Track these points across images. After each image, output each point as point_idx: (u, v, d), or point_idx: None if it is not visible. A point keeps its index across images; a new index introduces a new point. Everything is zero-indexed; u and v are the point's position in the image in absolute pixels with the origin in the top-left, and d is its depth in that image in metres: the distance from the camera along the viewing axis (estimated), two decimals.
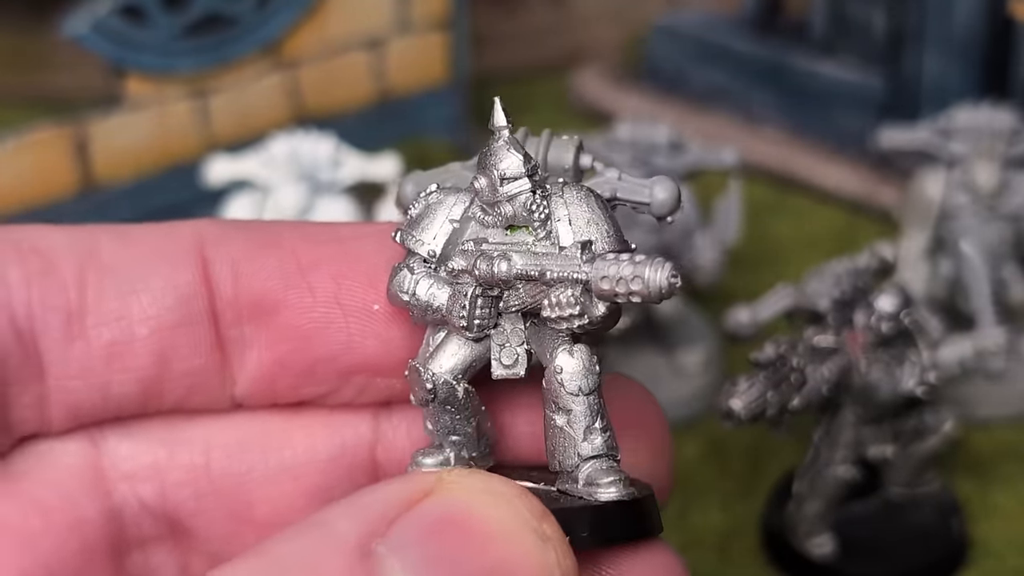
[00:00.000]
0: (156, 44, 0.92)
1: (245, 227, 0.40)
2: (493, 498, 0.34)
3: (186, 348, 0.38)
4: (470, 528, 0.33)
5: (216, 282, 0.38)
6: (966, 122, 0.79)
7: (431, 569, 0.32)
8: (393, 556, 0.32)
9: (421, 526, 0.33)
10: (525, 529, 0.34)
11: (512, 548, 0.33)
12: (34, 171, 0.90)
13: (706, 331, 0.83)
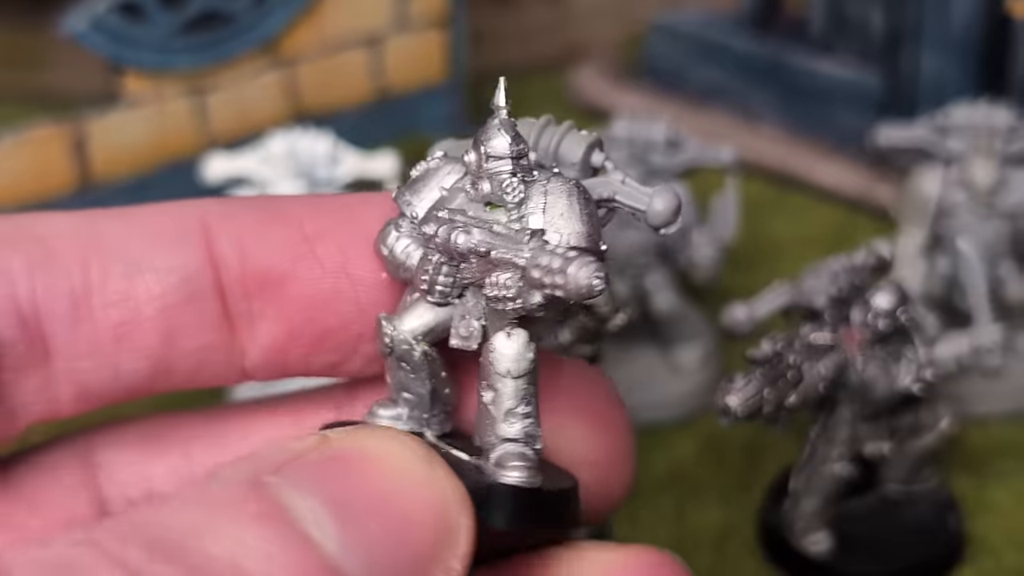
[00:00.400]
0: (154, 42, 0.92)
1: (250, 202, 0.41)
2: (381, 438, 0.35)
3: (193, 325, 0.39)
4: (360, 461, 0.34)
5: (222, 258, 0.39)
6: (963, 119, 0.80)
7: (323, 490, 0.33)
8: (285, 484, 0.33)
9: (312, 463, 0.34)
10: (415, 460, 0.35)
11: (402, 476, 0.34)
12: (32, 169, 0.90)
13: (703, 328, 0.83)
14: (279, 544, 0.32)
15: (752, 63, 1.09)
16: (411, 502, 0.34)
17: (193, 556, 0.31)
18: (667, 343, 0.82)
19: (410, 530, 0.34)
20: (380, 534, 0.33)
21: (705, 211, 0.83)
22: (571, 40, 1.27)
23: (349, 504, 0.33)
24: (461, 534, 0.35)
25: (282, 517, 0.32)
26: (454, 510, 0.35)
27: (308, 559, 0.32)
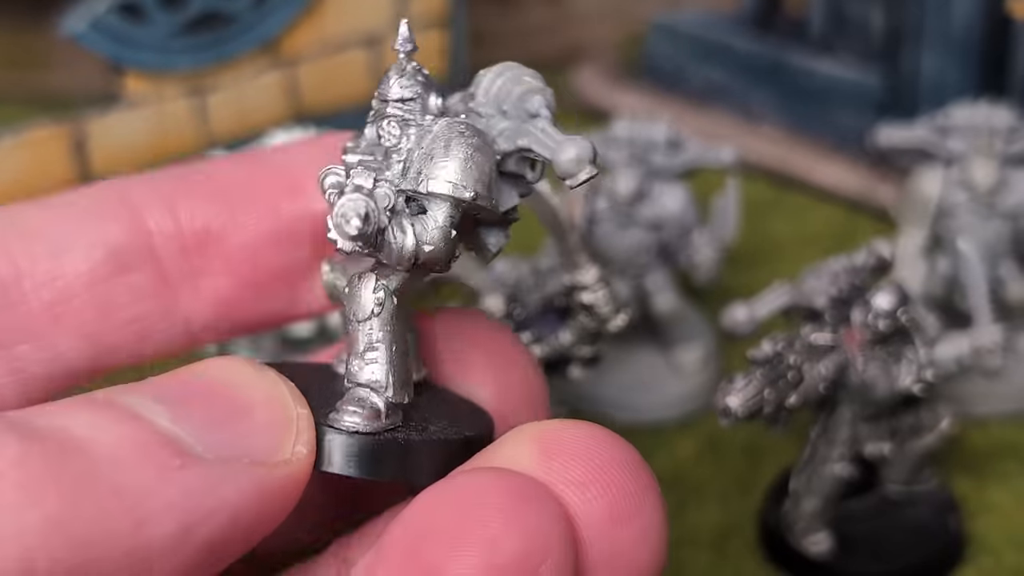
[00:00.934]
0: (154, 42, 0.92)
1: (173, 171, 0.42)
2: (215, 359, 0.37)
3: (127, 296, 0.40)
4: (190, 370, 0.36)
5: (154, 224, 0.40)
6: (964, 120, 0.80)
7: (154, 389, 0.35)
8: (118, 391, 0.35)
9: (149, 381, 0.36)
10: (243, 365, 0.37)
11: (230, 375, 0.36)
12: (32, 169, 0.90)
13: (704, 329, 0.83)
14: (107, 418, 0.33)
15: (752, 63, 1.09)
16: (239, 392, 0.36)
17: (23, 424, 0.32)
18: (667, 343, 0.82)
19: (240, 414, 0.35)
20: (210, 412, 0.35)
21: (706, 212, 0.83)
22: (571, 40, 1.27)
23: (176, 393, 0.35)
24: (300, 422, 0.36)
25: (110, 404, 0.34)
26: (286, 400, 0.36)
27: (139, 427, 0.33)
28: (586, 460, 0.35)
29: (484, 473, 0.35)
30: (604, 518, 0.34)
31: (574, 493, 0.34)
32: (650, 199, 0.79)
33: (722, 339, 0.77)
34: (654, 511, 0.35)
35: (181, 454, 0.33)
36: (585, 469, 0.35)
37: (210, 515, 0.33)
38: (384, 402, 0.37)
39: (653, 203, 0.79)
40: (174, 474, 0.33)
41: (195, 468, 0.33)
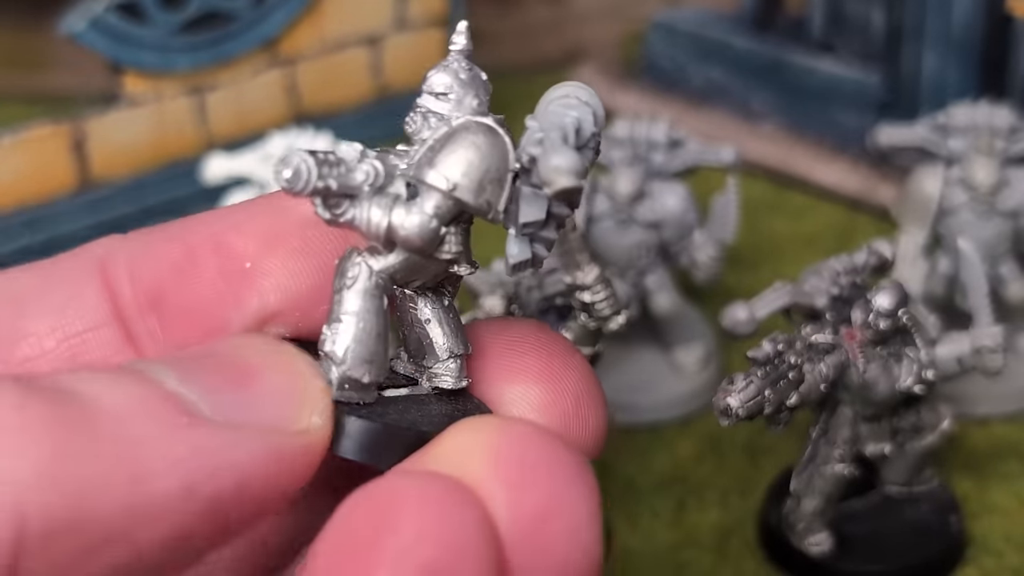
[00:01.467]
0: (154, 41, 0.92)
1: (148, 231, 0.43)
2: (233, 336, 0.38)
3: (96, 351, 0.40)
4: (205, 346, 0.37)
5: (116, 284, 0.40)
6: (964, 119, 0.79)
7: (168, 360, 0.35)
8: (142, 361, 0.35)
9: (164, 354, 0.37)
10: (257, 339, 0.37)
11: (243, 348, 0.36)
12: (31, 168, 0.90)
13: (704, 328, 0.83)
14: (114, 377, 0.33)
15: (752, 62, 1.09)
16: (252, 360, 0.36)
17: (23, 378, 0.32)
18: (668, 343, 0.81)
19: (251, 380, 0.35)
20: (220, 376, 0.35)
21: (706, 211, 0.83)
22: (571, 40, 1.27)
23: (192, 363, 0.35)
24: (315, 392, 0.36)
25: (120, 368, 0.34)
26: (301, 369, 0.36)
27: (145, 385, 0.33)
28: (517, 459, 0.35)
29: (403, 477, 0.35)
30: (529, 517, 0.34)
31: (501, 493, 0.34)
32: (650, 199, 0.79)
33: (722, 339, 0.77)
34: (581, 506, 0.35)
35: (188, 413, 0.33)
36: (514, 468, 0.35)
37: (215, 475, 0.33)
38: (339, 374, 0.38)
39: (653, 203, 0.79)
40: (180, 431, 0.33)
41: (202, 428, 0.33)
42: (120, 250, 0.41)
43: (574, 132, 0.37)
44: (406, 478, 0.34)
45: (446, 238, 0.38)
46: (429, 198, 0.37)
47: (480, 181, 0.37)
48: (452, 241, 0.39)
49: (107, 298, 0.40)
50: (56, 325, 0.40)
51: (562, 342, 0.43)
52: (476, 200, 0.37)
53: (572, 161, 0.36)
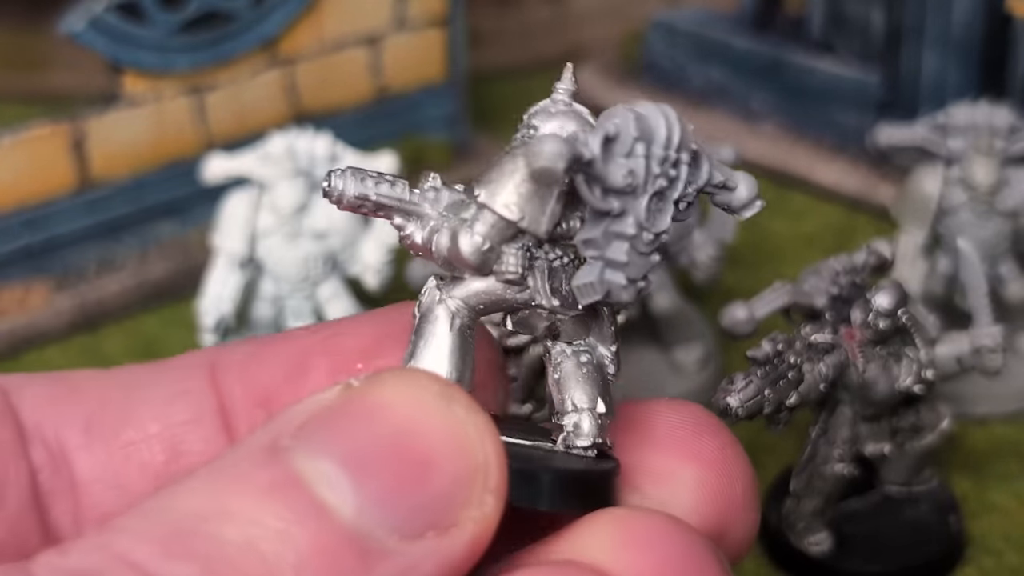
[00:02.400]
0: (153, 41, 0.92)
1: (256, 340, 0.46)
2: (398, 379, 0.35)
3: (196, 441, 0.42)
4: (376, 407, 0.34)
5: (224, 382, 0.43)
6: (964, 119, 0.79)
7: (338, 448, 0.33)
8: (300, 447, 0.33)
9: (329, 418, 0.34)
10: (431, 397, 0.34)
11: (417, 416, 0.34)
12: (31, 168, 0.90)
13: (704, 328, 0.83)
14: (293, 518, 0.32)
15: (752, 62, 1.09)
16: (428, 440, 0.33)
17: (208, 545, 0.31)
18: (667, 343, 0.81)
19: (430, 470, 0.33)
20: (398, 482, 0.33)
21: (705, 211, 0.83)
22: (570, 39, 1.27)
23: (364, 457, 0.33)
24: (490, 465, 0.34)
25: (295, 486, 0.32)
26: (477, 442, 0.34)
27: (324, 529, 0.32)
28: (658, 552, 0.35)
29: (549, 569, 0.34)
30: None
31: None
32: None
33: (722, 339, 0.77)
34: None
35: (365, 556, 0.32)
36: (656, 562, 0.35)
37: None
38: None
39: None
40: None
41: (379, 567, 0.32)
42: (232, 353, 0.44)
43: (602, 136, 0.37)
44: (553, 569, 0.34)
45: (503, 258, 0.38)
46: (480, 217, 0.38)
47: (533, 203, 0.37)
48: (510, 261, 0.38)
49: (213, 394, 0.43)
50: (161, 414, 0.42)
51: (730, 433, 0.43)
52: (532, 224, 0.38)
53: (555, 146, 0.36)
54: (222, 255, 0.78)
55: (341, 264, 0.80)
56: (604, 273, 0.38)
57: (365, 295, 0.83)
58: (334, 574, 0.31)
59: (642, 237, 0.38)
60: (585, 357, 0.40)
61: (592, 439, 0.39)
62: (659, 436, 0.41)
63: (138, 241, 0.94)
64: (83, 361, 0.85)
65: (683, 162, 0.38)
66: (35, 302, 0.88)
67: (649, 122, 0.38)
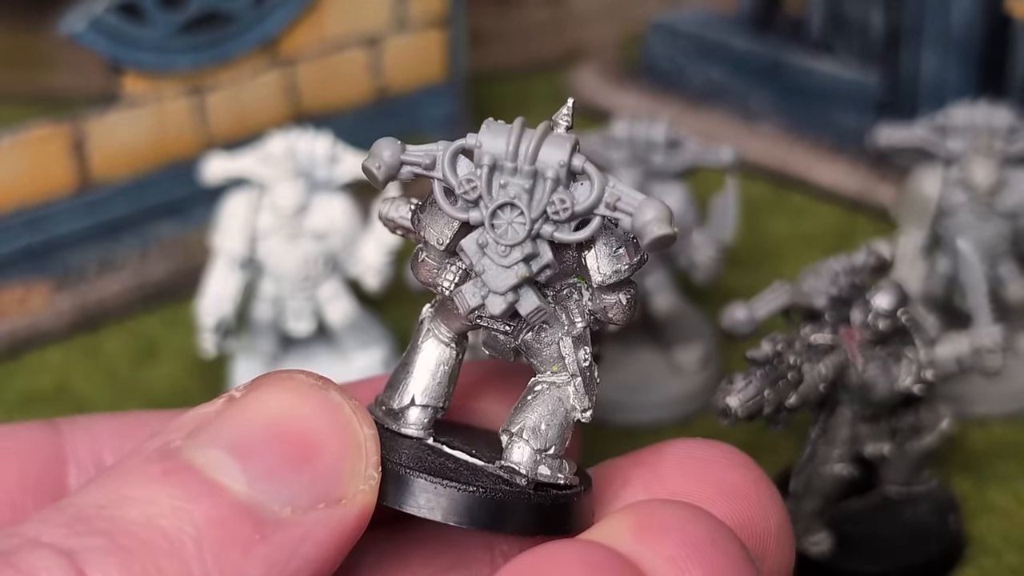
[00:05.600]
0: (153, 42, 0.92)
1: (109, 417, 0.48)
2: (275, 379, 0.38)
3: None
4: (257, 402, 0.37)
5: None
6: (963, 119, 0.79)
7: (224, 439, 0.36)
8: (190, 443, 0.36)
9: (215, 419, 0.37)
10: (308, 387, 0.38)
11: (297, 404, 0.37)
12: (31, 169, 0.90)
13: (703, 329, 0.83)
14: (188, 496, 0.34)
15: (751, 63, 1.09)
16: (308, 424, 0.37)
17: (110, 524, 0.34)
18: (667, 343, 0.81)
19: (314, 449, 0.36)
20: (284, 461, 0.36)
21: (705, 211, 0.83)
22: (571, 40, 1.27)
23: (249, 443, 0.36)
24: (369, 444, 0.37)
25: (187, 471, 0.35)
26: (356, 424, 0.37)
27: (218, 503, 0.35)
28: (679, 536, 0.36)
29: (571, 545, 0.36)
30: None
31: (665, 568, 0.35)
32: None
33: (721, 339, 0.77)
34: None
35: (261, 525, 0.35)
36: (677, 545, 0.36)
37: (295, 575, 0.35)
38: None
39: None
40: (257, 547, 0.34)
41: (276, 535, 0.35)
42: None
43: None
44: (575, 546, 0.36)
45: (440, 273, 0.41)
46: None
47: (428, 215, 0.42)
48: (447, 278, 0.41)
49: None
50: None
51: (761, 469, 0.45)
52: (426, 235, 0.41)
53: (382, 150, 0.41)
54: (222, 255, 0.78)
55: (341, 265, 0.80)
56: (472, 282, 0.40)
57: (366, 296, 0.83)
58: (232, 541, 0.34)
59: (494, 248, 0.39)
60: (545, 387, 0.41)
61: (522, 468, 0.40)
62: (692, 468, 0.42)
63: (138, 241, 0.94)
64: (83, 361, 0.85)
65: (546, 177, 0.38)
66: (35, 302, 0.88)
67: (496, 134, 0.39)
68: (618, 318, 0.41)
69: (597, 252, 0.40)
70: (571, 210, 0.38)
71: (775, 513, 0.42)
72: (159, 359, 0.86)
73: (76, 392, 0.82)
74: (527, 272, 0.39)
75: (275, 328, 0.80)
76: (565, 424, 0.41)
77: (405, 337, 0.46)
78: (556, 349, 0.41)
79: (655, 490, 0.41)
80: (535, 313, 0.40)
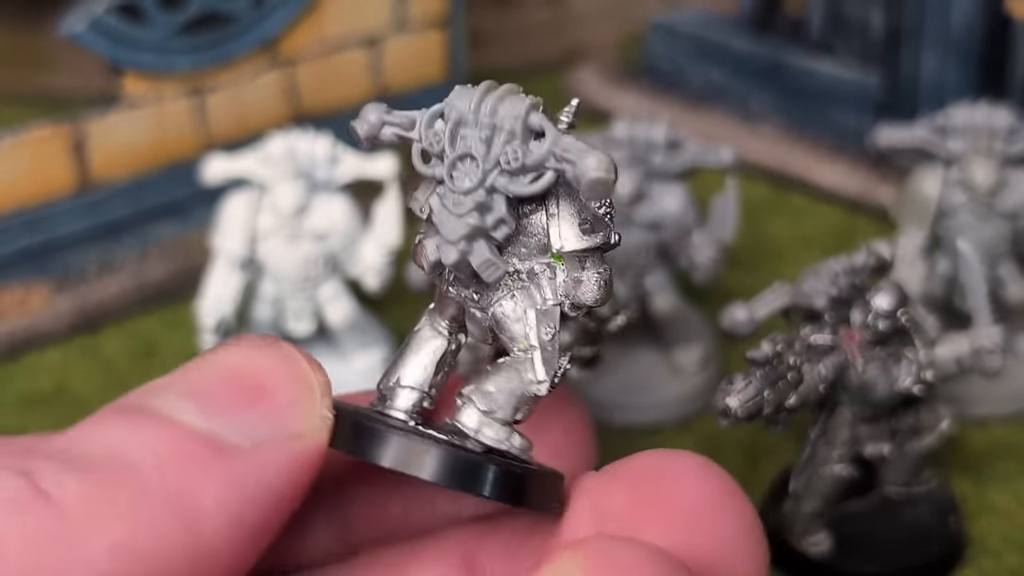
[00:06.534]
0: (153, 42, 0.92)
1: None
2: (229, 342, 0.40)
3: None
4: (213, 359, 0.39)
5: None
6: (963, 120, 0.79)
7: (181, 389, 0.38)
8: (148, 395, 0.38)
9: (163, 378, 0.39)
10: (260, 344, 0.40)
11: (249, 356, 0.39)
12: (31, 169, 0.90)
13: (703, 329, 0.83)
14: (147, 431, 0.36)
15: (751, 63, 1.09)
16: (261, 370, 0.39)
17: (73, 458, 0.35)
18: (667, 344, 0.81)
19: (268, 391, 0.38)
20: (239, 401, 0.37)
21: (705, 212, 0.83)
22: (571, 40, 1.27)
23: (204, 388, 0.38)
24: (320, 387, 0.39)
25: (145, 414, 0.37)
26: (308, 371, 0.39)
27: (177, 435, 0.36)
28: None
29: None
30: None
31: None
32: (649, 199, 0.79)
33: (721, 339, 0.77)
34: None
35: (220, 451, 0.36)
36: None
37: (256, 500, 0.36)
38: None
39: (652, 203, 0.79)
40: (216, 469, 0.35)
41: (235, 459, 0.36)
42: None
43: None
44: None
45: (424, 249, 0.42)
46: None
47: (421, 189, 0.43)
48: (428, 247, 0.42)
49: None
50: None
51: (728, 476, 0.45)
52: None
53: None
54: (222, 256, 0.78)
55: (341, 265, 0.80)
56: (434, 238, 0.42)
57: (366, 296, 0.83)
58: (192, 464, 0.35)
59: (450, 199, 0.40)
60: (508, 360, 0.42)
61: (467, 429, 0.41)
62: (646, 486, 0.42)
63: (138, 242, 0.94)
64: (83, 362, 0.85)
65: (502, 129, 0.40)
66: (35, 303, 0.88)
67: (463, 94, 0.41)
68: (588, 298, 0.42)
69: (560, 220, 0.41)
70: (521, 160, 0.40)
71: (733, 525, 0.42)
72: (159, 360, 0.86)
73: (76, 393, 0.82)
74: (479, 222, 0.40)
75: (275, 329, 0.80)
76: (519, 394, 0.41)
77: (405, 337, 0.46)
78: (523, 326, 0.41)
79: (605, 508, 0.40)
80: (486, 266, 0.40)
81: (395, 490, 0.45)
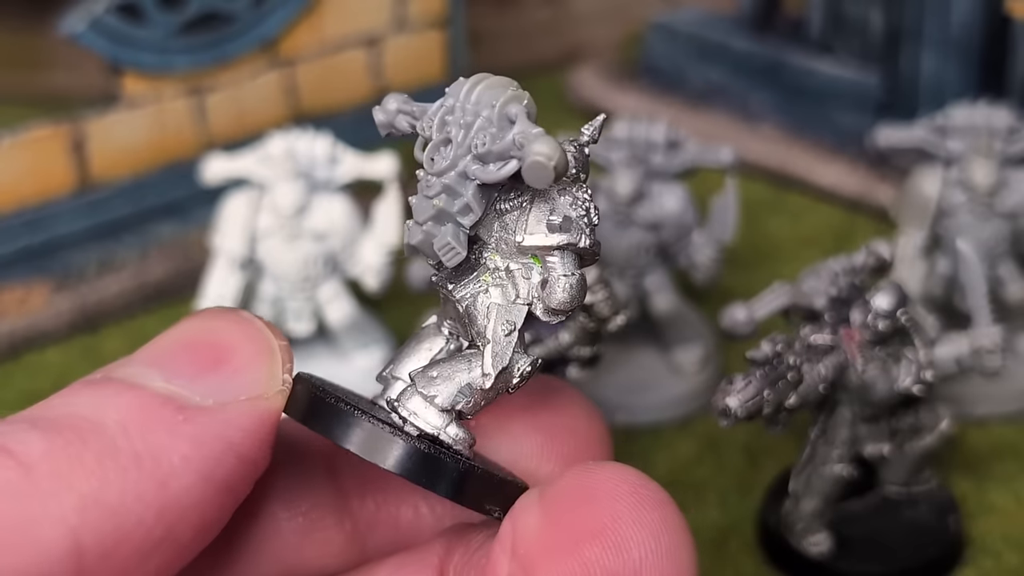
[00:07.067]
0: (153, 42, 0.92)
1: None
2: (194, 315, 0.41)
3: None
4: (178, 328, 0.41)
5: None
6: (963, 120, 0.79)
7: (145, 358, 0.39)
8: (111, 369, 0.39)
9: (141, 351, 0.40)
10: (221, 312, 0.41)
11: (213, 323, 0.40)
12: (31, 169, 0.90)
13: (703, 329, 0.83)
14: (109, 393, 0.37)
15: (751, 63, 1.09)
16: (222, 335, 0.40)
17: (35, 418, 0.36)
18: (667, 344, 0.81)
19: (229, 353, 0.39)
20: (200, 363, 0.39)
21: (705, 212, 0.83)
22: (570, 40, 1.27)
23: (164, 354, 0.39)
24: (281, 352, 0.40)
25: (108, 381, 0.38)
26: (268, 335, 0.41)
27: (139, 395, 0.37)
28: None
29: None
30: None
31: None
32: (649, 199, 0.79)
33: (721, 339, 0.77)
34: None
35: (183, 408, 0.37)
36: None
37: (222, 458, 0.37)
38: None
39: (652, 203, 0.79)
40: (182, 428, 0.37)
41: (199, 418, 0.37)
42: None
43: None
44: None
45: None
46: None
47: None
48: None
49: None
50: None
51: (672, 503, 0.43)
52: None
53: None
54: (222, 256, 0.78)
55: (341, 265, 0.80)
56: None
57: (365, 296, 0.83)
58: (157, 423, 0.36)
59: (425, 182, 0.41)
60: (466, 351, 0.42)
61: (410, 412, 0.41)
62: (564, 507, 0.40)
63: (138, 242, 0.94)
64: (83, 362, 0.85)
65: (480, 116, 0.41)
66: (35, 303, 0.88)
67: (460, 84, 0.42)
68: (553, 300, 0.41)
69: (529, 215, 0.41)
70: (488, 146, 0.40)
71: (648, 545, 0.41)
72: None
73: None
74: (444, 205, 0.40)
75: None
76: (464, 383, 0.41)
77: (405, 338, 0.46)
78: (485, 320, 0.42)
79: (520, 528, 0.40)
80: (446, 250, 0.41)
81: (404, 498, 0.45)
